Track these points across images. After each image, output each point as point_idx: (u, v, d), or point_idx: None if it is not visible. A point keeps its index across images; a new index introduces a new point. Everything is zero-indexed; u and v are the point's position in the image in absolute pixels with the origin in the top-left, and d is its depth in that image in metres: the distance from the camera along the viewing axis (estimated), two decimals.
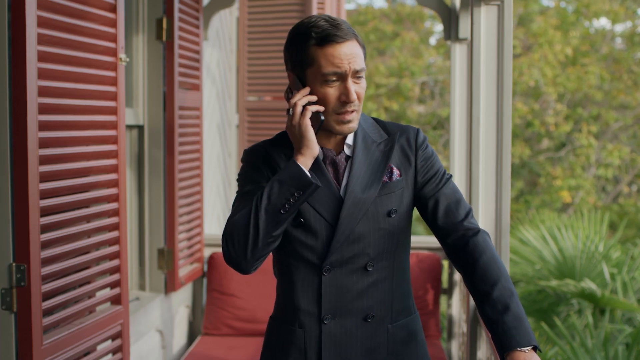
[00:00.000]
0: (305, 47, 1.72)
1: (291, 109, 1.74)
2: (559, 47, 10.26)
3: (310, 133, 1.72)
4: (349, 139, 1.81)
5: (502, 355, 1.68)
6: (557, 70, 10.34)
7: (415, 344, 1.88)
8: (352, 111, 1.74)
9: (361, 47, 1.75)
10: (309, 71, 1.73)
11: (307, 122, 1.72)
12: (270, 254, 1.86)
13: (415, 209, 1.88)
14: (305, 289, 1.81)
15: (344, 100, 1.72)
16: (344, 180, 1.79)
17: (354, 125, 1.76)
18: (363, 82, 1.75)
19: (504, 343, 1.66)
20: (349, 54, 1.71)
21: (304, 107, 1.74)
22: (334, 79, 1.72)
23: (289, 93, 1.79)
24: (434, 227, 1.84)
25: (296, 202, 1.70)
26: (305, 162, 1.72)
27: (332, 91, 1.72)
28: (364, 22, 11.70)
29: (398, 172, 1.81)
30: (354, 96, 1.72)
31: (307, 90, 1.74)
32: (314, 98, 1.74)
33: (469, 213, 1.82)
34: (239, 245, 1.69)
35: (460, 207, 1.82)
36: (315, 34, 1.71)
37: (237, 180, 1.83)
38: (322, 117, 1.74)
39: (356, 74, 1.73)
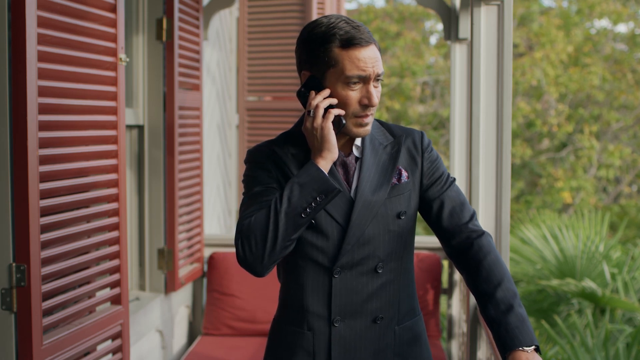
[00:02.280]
0: (328, 48, 1.71)
1: (312, 111, 1.73)
2: (561, 46, 10.27)
3: (332, 136, 1.71)
4: (357, 140, 1.81)
5: (504, 355, 1.68)
6: (559, 70, 10.35)
7: (420, 346, 1.89)
8: (371, 114, 1.74)
9: (379, 51, 1.75)
10: (330, 72, 1.72)
11: (330, 126, 1.71)
12: None
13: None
14: (314, 291, 1.80)
15: (366, 103, 1.72)
16: (354, 182, 1.79)
17: (369, 128, 1.76)
18: (380, 86, 1.76)
19: (507, 343, 1.67)
20: (372, 57, 1.70)
21: (326, 110, 1.73)
22: (356, 81, 1.71)
23: (304, 94, 1.77)
24: (438, 229, 1.84)
25: (318, 206, 1.69)
26: (325, 166, 1.71)
27: (353, 94, 1.72)
28: (365, 21, 11.70)
29: (406, 173, 1.81)
30: (376, 100, 1.72)
31: (327, 92, 1.73)
32: (334, 101, 1.73)
33: (473, 215, 1.83)
34: (256, 248, 1.68)
35: (464, 209, 1.82)
36: (339, 36, 1.70)
37: (243, 181, 1.81)
38: (344, 121, 1.73)
39: (377, 78, 1.73)
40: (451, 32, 3.81)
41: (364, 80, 1.71)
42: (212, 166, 4.59)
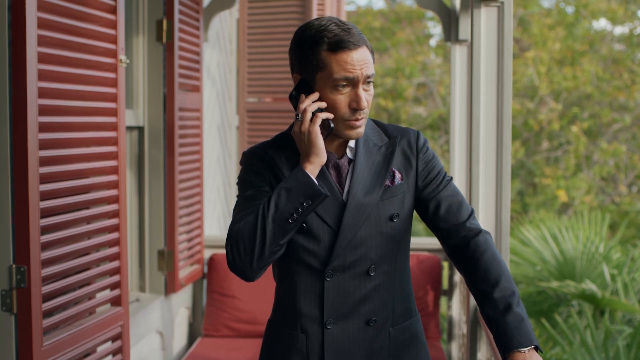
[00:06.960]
0: (317, 52, 1.70)
1: (300, 115, 1.72)
2: (551, 44, 10.31)
3: (320, 141, 1.71)
4: (351, 142, 1.80)
5: (503, 355, 1.68)
6: (552, 66, 10.36)
7: (416, 346, 1.88)
8: (362, 118, 1.73)
9: (371, 53, 1.74)
10: (319, 76, 1.71)
11: (317, 130, 1.70)
12: None
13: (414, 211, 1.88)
14: (307, 293, 1.79)
15: (355, 107, 1.70)
16: (346, 185, 1.78)
17: (362, 130, 1.75)
18: (371, 89, 1.74)
19: (505, 343, 1.67)
20: (361, 60, 1.69)
21: (314, 113, 1.72)
22: (345, 84, 1.70)
23: (295, 97, 1.76)
24: (436, 229, 1.83)
25: (305, 211, 1.68)
26: (313, 171, 1.70)
27: (342, 98, 1.71)
28: (363, 23, 11.72)
29: (400, 175, 1.80)
30: (365, 103, 1.70)
31: (316, 95, 1.72)
32: (323, 104, 1.72)
33: (470, 214, 1.82)
34: (244, 253, 1.67)
35: (462, 208, 1.81)
36: (327, 39, 1.69)
37: (237, 184, 1.81)
38: (332, 125, 1.72)
39: (367, 80, 1.71)
40: (451, 33, 3.81)
41: (353, 83, 1.70)
42: (212, 167, 4.59)
